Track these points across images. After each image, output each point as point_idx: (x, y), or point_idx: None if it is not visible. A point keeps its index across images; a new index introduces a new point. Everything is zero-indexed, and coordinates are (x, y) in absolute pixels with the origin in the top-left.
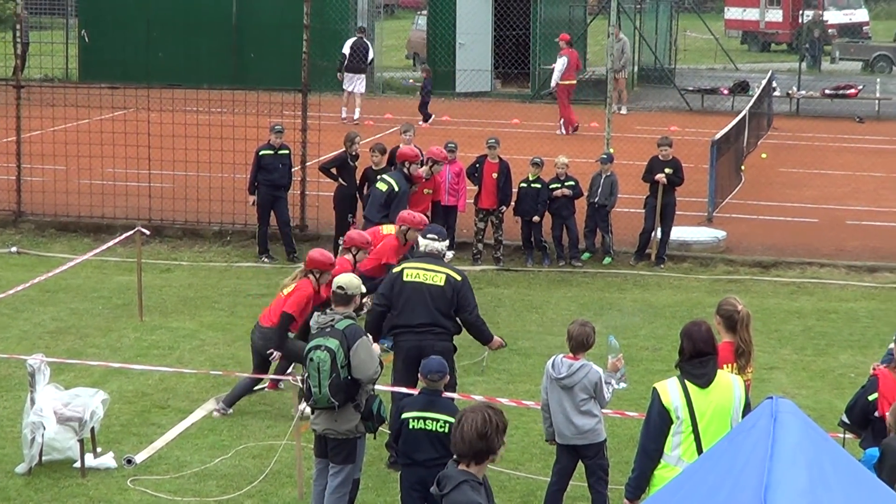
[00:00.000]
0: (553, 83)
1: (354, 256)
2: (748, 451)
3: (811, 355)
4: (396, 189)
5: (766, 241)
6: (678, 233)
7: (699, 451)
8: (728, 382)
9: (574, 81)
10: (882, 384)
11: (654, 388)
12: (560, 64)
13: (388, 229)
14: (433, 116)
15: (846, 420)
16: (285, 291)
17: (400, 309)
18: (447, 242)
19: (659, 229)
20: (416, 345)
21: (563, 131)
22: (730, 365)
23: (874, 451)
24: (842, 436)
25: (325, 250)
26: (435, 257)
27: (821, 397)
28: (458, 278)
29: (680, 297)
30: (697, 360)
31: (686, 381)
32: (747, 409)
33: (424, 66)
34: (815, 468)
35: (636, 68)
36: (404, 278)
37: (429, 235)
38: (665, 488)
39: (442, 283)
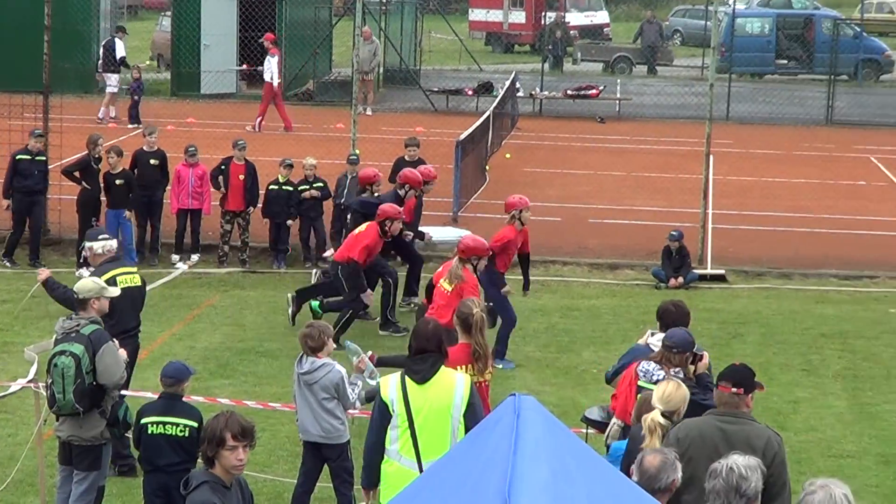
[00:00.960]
0: (276, 82)
1: (475, 266)
2: (492, 447)
3: (555, 352)
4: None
5: None
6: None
7: (416, 447)
8: (450, 381)
9: (280, 80)
10: (620, 379)
11: (379, 382)
12: (272, 63)
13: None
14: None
15: (588, 416)
16: (448, 286)
17: (118, 317)
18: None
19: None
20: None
21: (257, 129)
22: (465, 366)
23: (621, 445)
24: (584, 431)
25: (477, 236)
26: (117, 259)
27: (564, 394)
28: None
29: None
30: (419, 357)
31: (406, 377)
32: (471, 409)
33: (136, 66)
34: (557, 462)
35: (382, 69)
36: (118, 286)
37: (101, 237)
38: (411, 486)
39: (140, 283)
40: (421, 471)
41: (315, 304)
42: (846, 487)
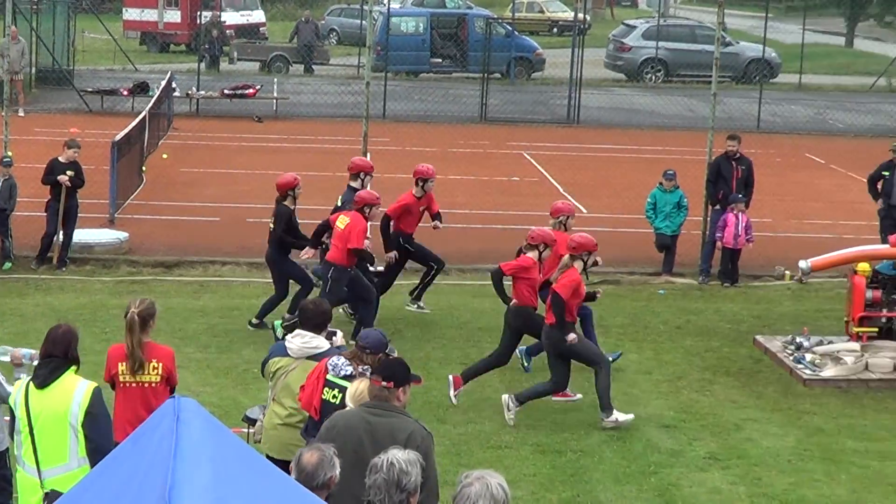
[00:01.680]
0: None
1: (541, 253)
2: (153, 451)
3: (215, 353)
4: (339, 204)
5: (169, 241)
6: (80, 235)
7: (35, 453)
8: (70, 388)
9: None
10: (310, 372)
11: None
12: None
13: (342, 220)
14: None
15: (249, 416)
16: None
17: None
18: None
19: (61, 232)
20: None
21: None
22: (122, 363)
23: None
24: (245, 430)
25: (584, 233)
26: None
27: (225, 394)
28: None
29: (83, 299)
30: (43, 361)
31: (30, 381)
32: (90, 418)
33: None
34: (218, 463)
35: (34, 70)
36: None
37: None
38: (68, 495)
39: None
40: (41, 479)
41: (277, 323)
42: (501, 477)
